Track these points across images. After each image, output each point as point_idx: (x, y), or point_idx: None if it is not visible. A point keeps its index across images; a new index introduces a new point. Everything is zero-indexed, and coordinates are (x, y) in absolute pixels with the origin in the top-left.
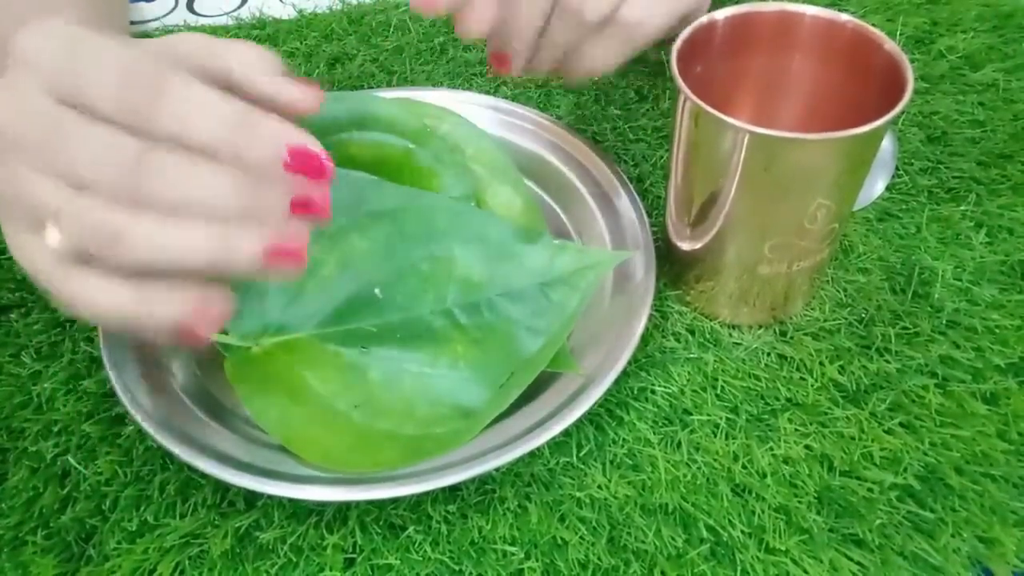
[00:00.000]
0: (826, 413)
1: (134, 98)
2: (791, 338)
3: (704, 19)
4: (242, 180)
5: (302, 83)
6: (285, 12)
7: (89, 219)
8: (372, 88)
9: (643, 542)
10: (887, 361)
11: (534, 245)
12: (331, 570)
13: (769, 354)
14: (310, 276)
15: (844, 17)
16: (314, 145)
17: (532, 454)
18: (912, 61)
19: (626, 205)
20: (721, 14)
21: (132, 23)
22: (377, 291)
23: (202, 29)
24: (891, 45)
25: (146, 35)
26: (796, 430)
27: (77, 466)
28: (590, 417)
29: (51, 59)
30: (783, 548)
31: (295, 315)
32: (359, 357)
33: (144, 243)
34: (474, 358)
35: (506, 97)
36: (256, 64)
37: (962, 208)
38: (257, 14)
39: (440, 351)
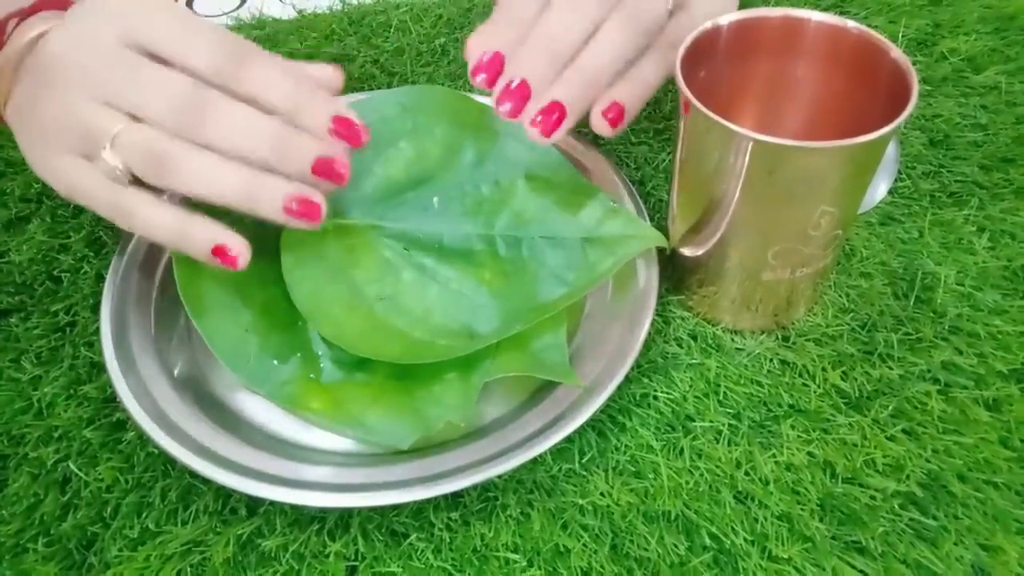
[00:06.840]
0: (829, 419)
1: (225, 60)
2: (794, 344)
3: (708, 24)
4: (277, 132)
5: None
6: (285, 12)
7: (145, 146)
8: (373, 90)
9: (646, 550)
10: (890, 367)
11: (591, 200)
12: None
13: (772, 360)
14: (382, 173)
15: (849, 23)
16: (357, 118)
17: (534, 461)
18: (914, 63)
19: (628, 208)
20: (726, 19)
21: None
22: (435, 200)
23: None
24: (896, 52)
25: None
26: (799, 437)
27: (78, 472)
28: (592, 423)
29: (141, 10)
30: (786, 556)
31: (361, 204)
32: (398, 256)
33: (190, 174)
34: (498, 288)
35: None
36: None
37: (964, 212)
38: (257, 14)
39: (470, 272)
